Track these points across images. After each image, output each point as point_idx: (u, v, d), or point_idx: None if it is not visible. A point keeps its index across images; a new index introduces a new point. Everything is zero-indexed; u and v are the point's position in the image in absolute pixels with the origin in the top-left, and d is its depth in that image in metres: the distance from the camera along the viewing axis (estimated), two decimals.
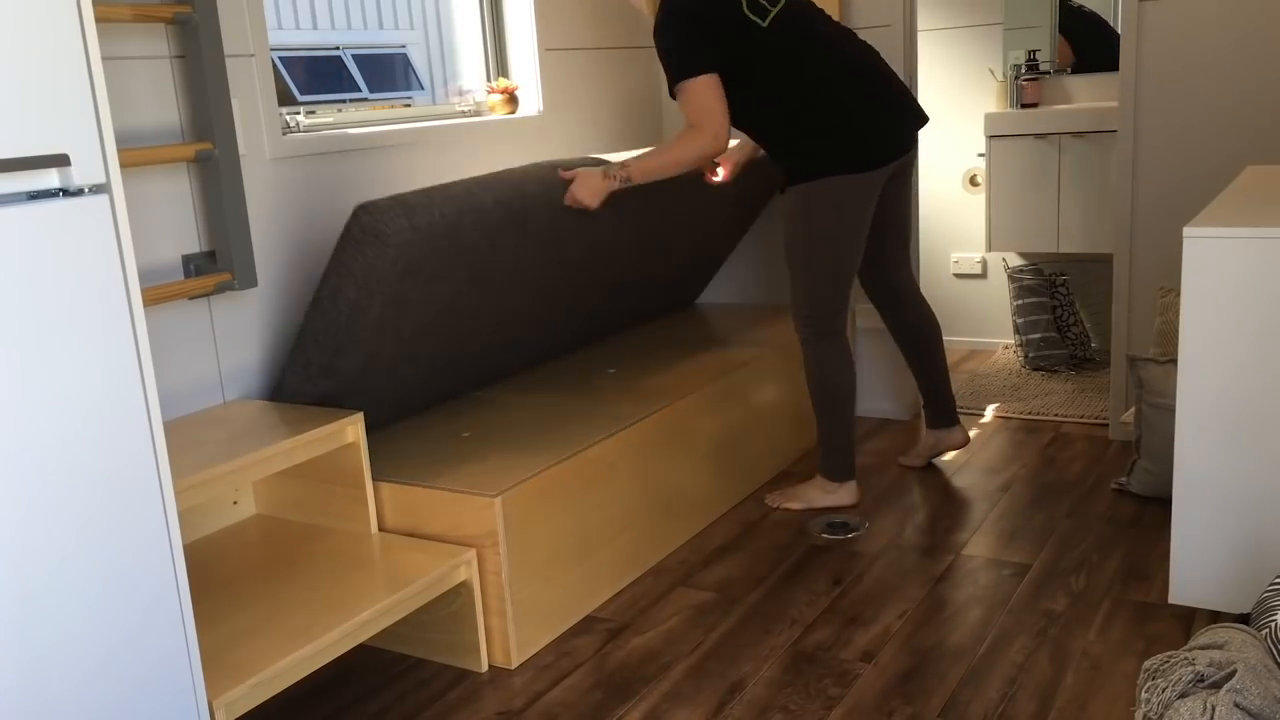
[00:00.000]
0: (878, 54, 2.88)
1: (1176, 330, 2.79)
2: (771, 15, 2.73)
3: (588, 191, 2.69)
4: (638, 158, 2.74)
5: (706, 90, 2.68)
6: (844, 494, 3.05)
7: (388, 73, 3.32)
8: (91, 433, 1.56)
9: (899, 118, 2.84)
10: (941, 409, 3.24)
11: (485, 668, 2.34)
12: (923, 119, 2.91)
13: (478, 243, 2.45)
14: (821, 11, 2.85)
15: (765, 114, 2.80)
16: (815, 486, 3.07)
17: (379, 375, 2.52)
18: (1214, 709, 1.46)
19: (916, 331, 3.16)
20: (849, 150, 2.78)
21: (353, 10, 3.27)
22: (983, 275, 4.57)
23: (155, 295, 2.27)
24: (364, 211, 2.22)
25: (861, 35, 3.52)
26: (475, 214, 2.40)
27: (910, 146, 2.89)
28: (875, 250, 3.07)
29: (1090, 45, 4.29)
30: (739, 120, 2.83)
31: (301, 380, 2.45)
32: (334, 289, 2.29)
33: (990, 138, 4.19)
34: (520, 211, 2.55)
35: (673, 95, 2.74)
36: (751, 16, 2.71)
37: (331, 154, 2.74)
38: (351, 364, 2.40)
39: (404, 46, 3.38)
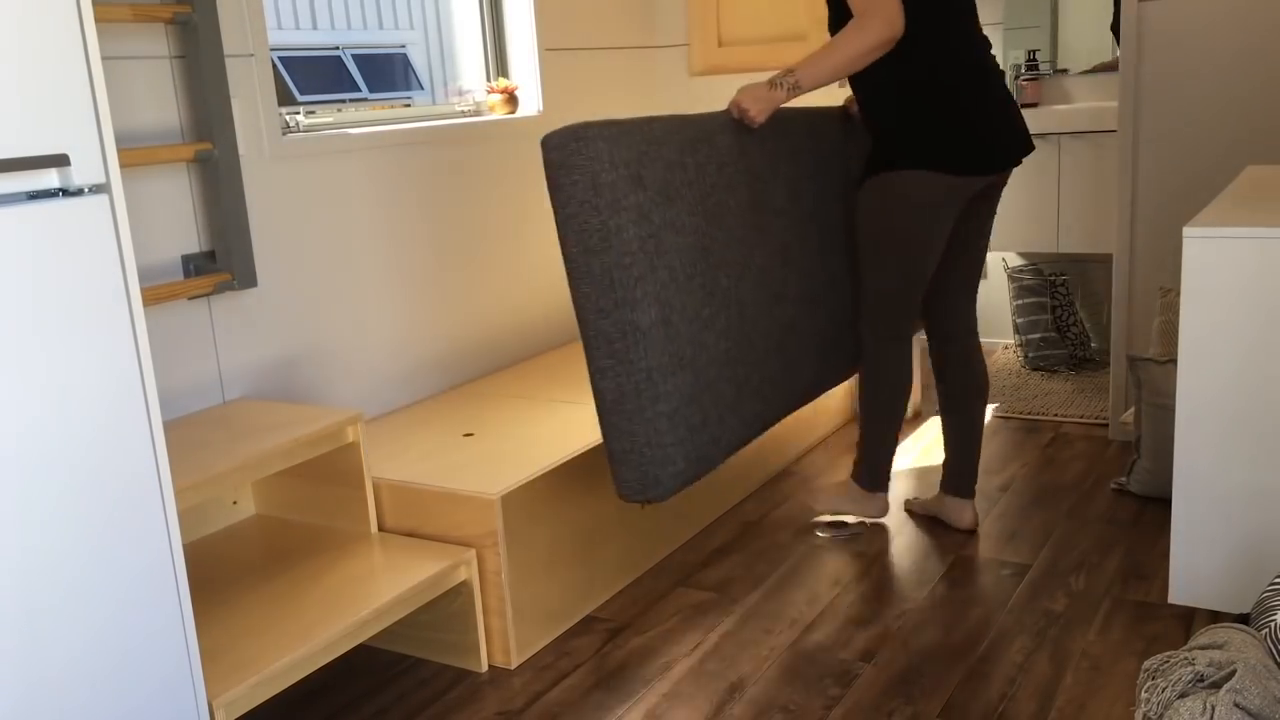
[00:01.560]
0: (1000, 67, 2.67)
1: (1176, 330, 2.79)
2: None
3: (752, 98, 2.46)
4: (805, 60, 2.48)
5: None
6: (873, 505, 2.89)
7: (387, 73, 3.32)
8: (91, 433, 1.56)
9: (1008, 132, 2.60)
10: (962, 477, 2.91)
11: (485, 668, 2.34)
12: (1029, 146, 2.64)
13: (679, 157, 2.29)
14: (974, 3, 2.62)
15: (884, 75, 2.54)
16: (845, 492, 2.93)
17: (690, 346, 2.23)
18: (1214, 709, 1.46)
19: (961, 387, 2.85)
20: (950, 146, 2.52)
21: (353, 10, 3.27)
22: (982, 275, 4.57)
23: (155, 295, 2.27)
24: (550, 135, 2.11)
25: None
26: (658, 122, 2.28)
27: (1009, 165, 2.62)
28: (942, 279, 2.79)
29: None
30: (866, 84, 2.57)
31: (625, 393, 2.15)
32: (578, 230, 2.10)
33: None
34: (701, 126, 2.41)
35: None
36: None
37: (331, 154, 2.74)
38: (649, 317, 2.14)
39: (404, 46, 3.38)
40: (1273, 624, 1.65)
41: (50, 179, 1.51)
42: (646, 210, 2.17)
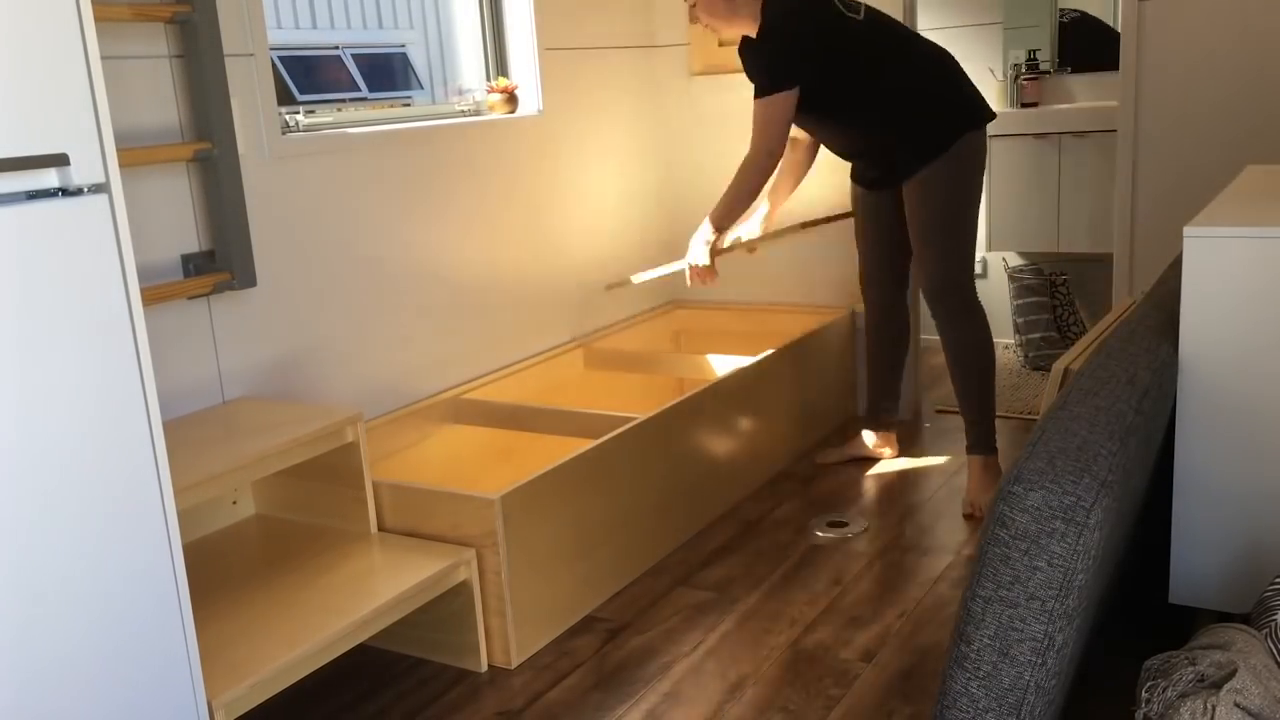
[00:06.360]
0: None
1: None
2: (861, 11, 2.89)
3: (700, 259, 2.96)
4: (714, 209, 2.94)
5: (781, 105, 2.79)
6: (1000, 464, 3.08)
7: (387, 72, 3.32)
8: (91, 433, 1.56)
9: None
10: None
11: (485, 668, 2.34)
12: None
13: None
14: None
15: (890, 98, 2.88)
16: (992, 471, 3.03)
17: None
18: (1214, 709, 1.46)
19: (905, 333, 3.34)
20: (973, 104, 2.89)
21: (352, 10, 3.27)
22: (983, 275, 4.57)
23: (154, 295, 2.27)
24: (1024, 484, 1.34)
25: None
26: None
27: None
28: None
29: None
30: (863, 122, 2.94)
31: None
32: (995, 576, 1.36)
33: (990, 137, 4.18)
34: None
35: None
36: (846, 13, 2.85)
37: (331, 154, 2.74)
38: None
39: (403, 46, 3.38)
40: (1273, 624, 1.65)
41: (50, 178, 1.50)
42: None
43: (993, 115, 2.92)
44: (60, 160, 1.50)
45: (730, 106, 3.82)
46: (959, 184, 2.89)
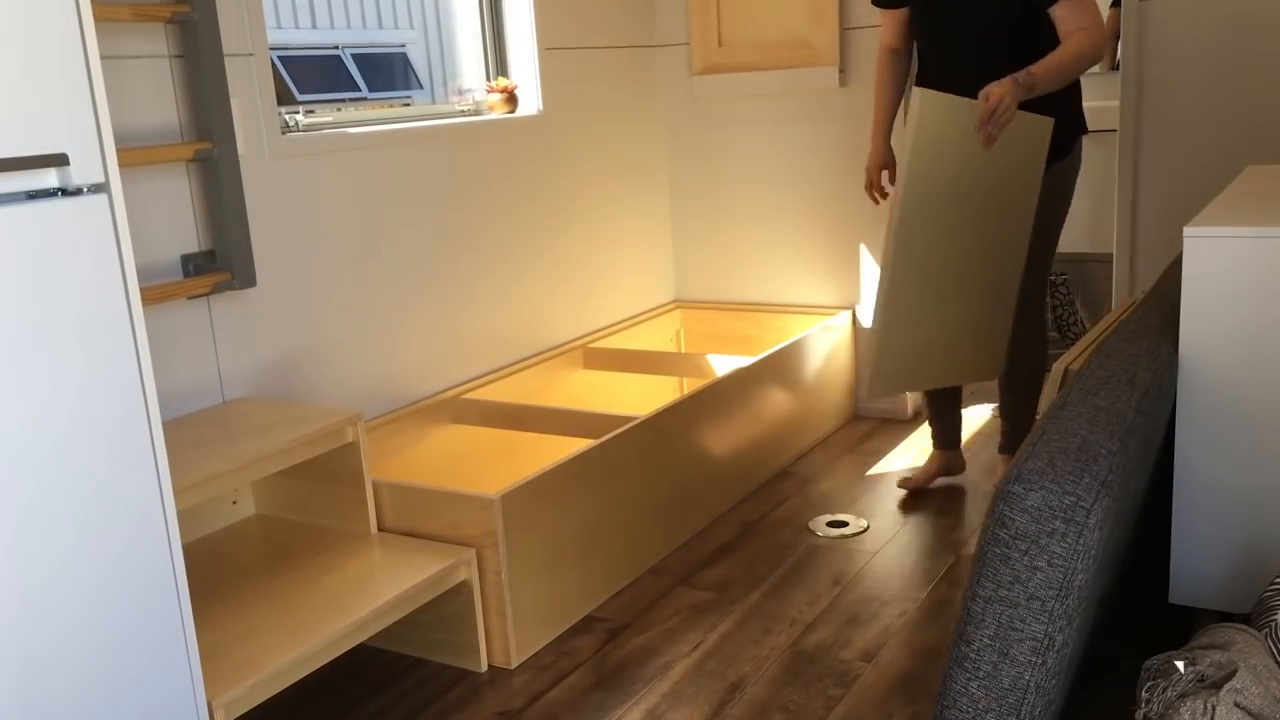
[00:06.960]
0: None
1: None
2: None
3: (1006, 93, 2.56)
4: (1041, 63, 2.65)
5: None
6: None
7: (387, 72, 3.32)
8: (91, 433, 1.56)
9: None
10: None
11: (485, 668, 2.34)
12: None
13: None
14: None
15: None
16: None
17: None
18: (1214, 709, 1.46)
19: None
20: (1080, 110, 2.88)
21: (352, 10, 3.27)
22: None
23: (154, 295, 2.27)
24: (1027, 483, 1.33)
25: (860, 35, 3.53)
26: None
27: None
28: None
29: None
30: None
31: None
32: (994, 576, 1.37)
33: None
34: None
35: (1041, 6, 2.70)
36: None
37: (331, 153, 2.74)
38: None
39: (403, 46, 3.38)
40: (1273, 624, 1.65)
41: (49, 178, 1.50)
42: None
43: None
44: (60, 160, 1.50)
45: (731, 105, 3.82)
46: (1068, 190, 2.89)
